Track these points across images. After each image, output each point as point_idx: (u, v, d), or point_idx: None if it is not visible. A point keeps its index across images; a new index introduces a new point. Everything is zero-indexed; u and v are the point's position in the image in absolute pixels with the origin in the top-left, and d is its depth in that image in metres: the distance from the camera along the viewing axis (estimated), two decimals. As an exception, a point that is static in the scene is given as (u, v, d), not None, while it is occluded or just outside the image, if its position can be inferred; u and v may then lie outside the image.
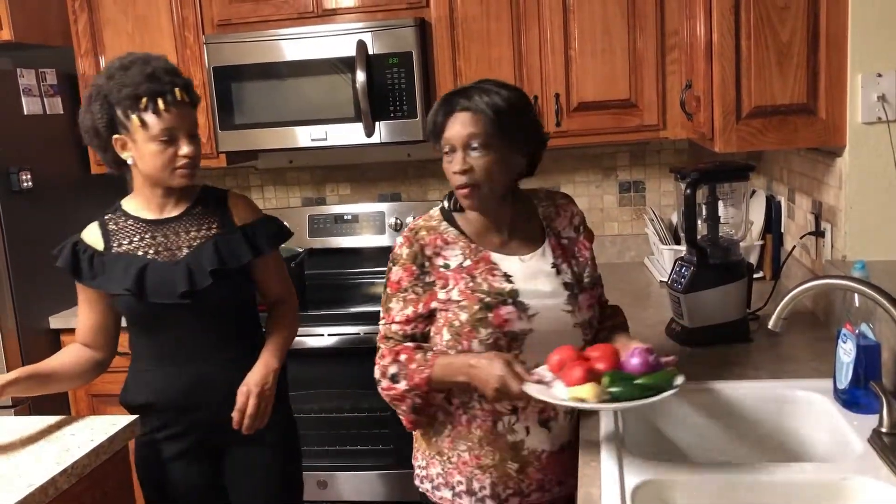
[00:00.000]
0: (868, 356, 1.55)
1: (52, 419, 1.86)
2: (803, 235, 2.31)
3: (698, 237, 2.10)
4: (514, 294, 1.58)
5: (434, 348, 1.62)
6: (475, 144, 1.53)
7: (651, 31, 2.75)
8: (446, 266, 1.61)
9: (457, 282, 1.59)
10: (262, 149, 3.07)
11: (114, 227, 1.90)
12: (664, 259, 2.84)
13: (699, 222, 2.11)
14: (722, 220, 2.15)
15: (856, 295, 1.59)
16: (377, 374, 1.64)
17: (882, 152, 1.98)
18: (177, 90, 1.79)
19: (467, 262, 1.61)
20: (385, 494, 2.86)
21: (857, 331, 1.57)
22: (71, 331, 2.96)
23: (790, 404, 1.70)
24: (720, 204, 2.14)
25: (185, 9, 3.01)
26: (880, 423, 1.44)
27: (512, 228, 1.66)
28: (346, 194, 3.44)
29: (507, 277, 1.60)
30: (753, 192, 2.92)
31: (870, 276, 1.62)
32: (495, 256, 1.62)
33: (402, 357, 1.60)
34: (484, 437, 1.64)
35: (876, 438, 1.43)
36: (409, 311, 1.62)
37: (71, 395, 3.03)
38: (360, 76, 2.80)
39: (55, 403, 2.84)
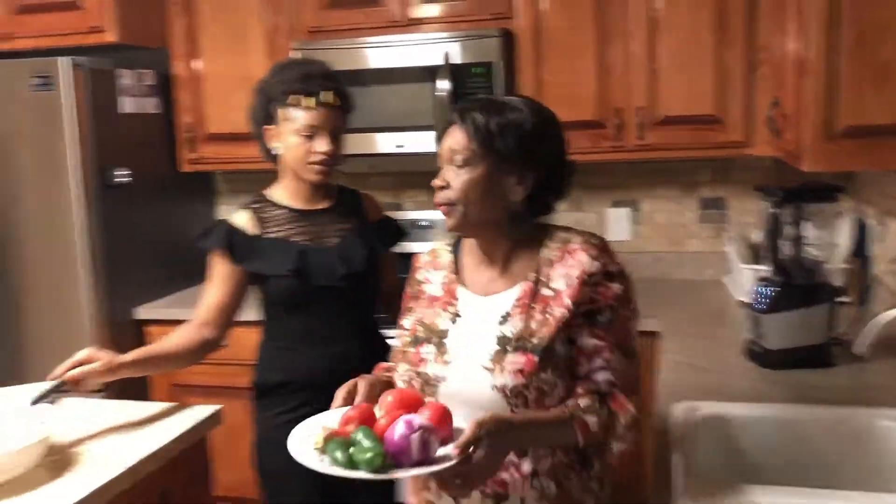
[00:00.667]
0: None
1: (141, 404, 1.95)
2: (894, 259, 2.23)
3: (782, 257, 2.05)
4: (441, 335, 1.46)
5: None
6: (457, 161, 1.42)
7: (740, 46, 2.71)
8: (425, 293, 1.56)
9: (417, 311, 1.55)
10: (350, 154, 3.10)
11: (264, 214, 2.04)
12: (744, 278, 2.78)
13: (784, 242, 2.07)
14: (807, 241, 2.10)
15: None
16: None
17: (983, 177, 1.91)
18: (326, 93, 1.95)
19: (438, 293, 1.53)
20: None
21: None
22: (155, 322, 3.09)
23: (872, 432, 1.65)
24: (806, 224, 2.09)
25: (278, 16, 3.10)
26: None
27: (506, 266, 1.48)
28: (423, 201, 3.48)
29: (455, 317, 1.48)
30: (841, 213, 2.84)
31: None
32: (461, 291, 1.50)
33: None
34: (417, 484, 1.54)
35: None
36: (397, 332, 1.62)
37: (154, 383, 3.14)
38: (443, 85, 2.83)
39: (136, 390, 2.95)
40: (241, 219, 2.03)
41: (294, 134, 1.94)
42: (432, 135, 2.92)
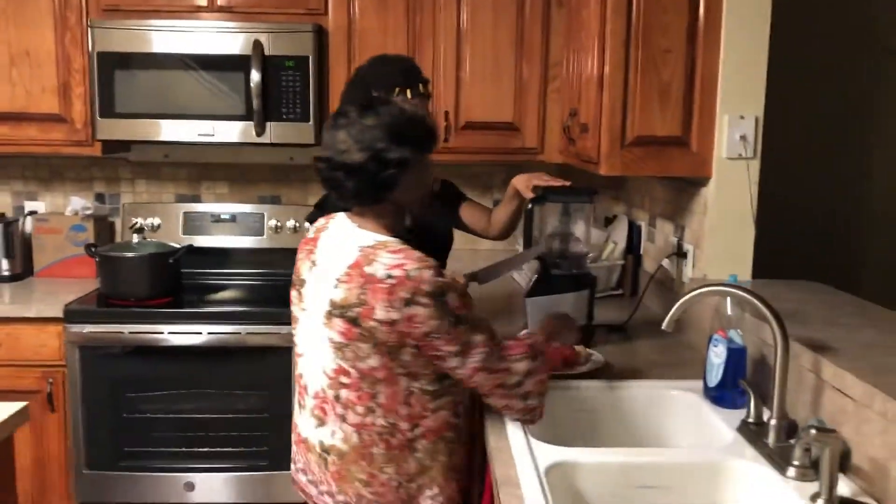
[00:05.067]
0: (736, 358, 1.78)
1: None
2: (670, 255, 2.55)
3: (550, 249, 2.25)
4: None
5: None
6: None
7: (536, 61, 2.96)
8: None
9: None
10: (145, 140, 2.95)
11: None
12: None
13: (553, 237, 2.27)
14: (574, 237, 2.30)
15: (728, 303, 1.81)
16: None
17: (741, 185, 2.27)
18: (420, 85, 2.10)
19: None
20: (257, 496, 2.83)
21: (728, 336, 1.79)
22: None
23: (666, 401, 1.90)
24: (576, 222, 2.30)
25: (68, -11, 2.88)
26: (748, 415, 1.65)
27: None
28: (223, 193, 3.39)
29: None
30: (615, 216, 3.20)
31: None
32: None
33: None
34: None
35: (744, 427, 1.64)
36: None
37: None
38: (255, 76, 2.79)
39: None
40: None
41: None
42: (243, 125, 2.87)
